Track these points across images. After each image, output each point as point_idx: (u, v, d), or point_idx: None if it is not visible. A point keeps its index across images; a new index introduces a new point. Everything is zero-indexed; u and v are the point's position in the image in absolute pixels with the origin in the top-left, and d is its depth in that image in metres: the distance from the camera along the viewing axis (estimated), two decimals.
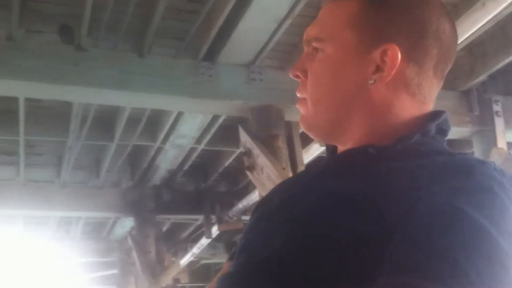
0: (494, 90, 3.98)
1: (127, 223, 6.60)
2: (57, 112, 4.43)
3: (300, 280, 0.69)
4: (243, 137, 3.54)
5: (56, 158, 5.32)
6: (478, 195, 0.67)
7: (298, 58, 0.89)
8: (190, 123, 4.24)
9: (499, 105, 3.92)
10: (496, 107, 3.90)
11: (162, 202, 5.75)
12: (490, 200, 0.67)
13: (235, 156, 5.07)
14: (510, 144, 4.02)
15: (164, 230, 6.79)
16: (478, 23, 2.92)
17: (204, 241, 6.13)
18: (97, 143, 4.93)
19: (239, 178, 5.73)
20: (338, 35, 0.83)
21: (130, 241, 6.13)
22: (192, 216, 6.23)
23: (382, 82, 0.80)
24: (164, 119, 4.43)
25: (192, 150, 4.96)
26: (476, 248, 0.62)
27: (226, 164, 5.35)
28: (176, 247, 7.29)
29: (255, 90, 3.55)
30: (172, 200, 5.77)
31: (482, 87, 3.97)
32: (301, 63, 0.87)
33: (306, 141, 3.90)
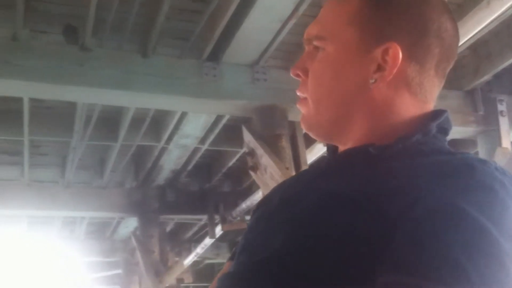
0: (499, 90, 3.96)
1: (131, 223, 6.62)
2: (61, 112, 4.44)
3: (300, 280, 0.69)
4: (247, 137, 3.54)
5: (60, 158, 5.34)
6: (479, 194, 0.66)
7: None
8: (194, 123, 4.25)
9: (504, 104, 3.91)
10: (501, 107, 3.89)
11: (166, 202, 5.76)
12: (491, 199, 0.66)
13: (238, 156, 5.07)
14: None
15: (167, 230, 6.80)
16: (483, 22, 2.91)
17: (207, 241, 6.14)
18: (101, 143, 4.94)
19: (243, 178, 5.73)
20: (339, 33, 0.82)
21: (134, 241, 6.13)
22: (196, 216, 6.24)
23: (383, 81, 0.80)
24: (168, 119, 4.43)
25: (196, 150, 4.96)
26: (477, 248, 0.61)
27: (230, 164, 5.36)
28: (180, 247, 7.30)
29: (259, 90, 3.55)
30: (176, 200, 5.78)
31: (487, 87, 3.95)
32: (301, 62, 0.87)
33: (310, 141, 3.90)
